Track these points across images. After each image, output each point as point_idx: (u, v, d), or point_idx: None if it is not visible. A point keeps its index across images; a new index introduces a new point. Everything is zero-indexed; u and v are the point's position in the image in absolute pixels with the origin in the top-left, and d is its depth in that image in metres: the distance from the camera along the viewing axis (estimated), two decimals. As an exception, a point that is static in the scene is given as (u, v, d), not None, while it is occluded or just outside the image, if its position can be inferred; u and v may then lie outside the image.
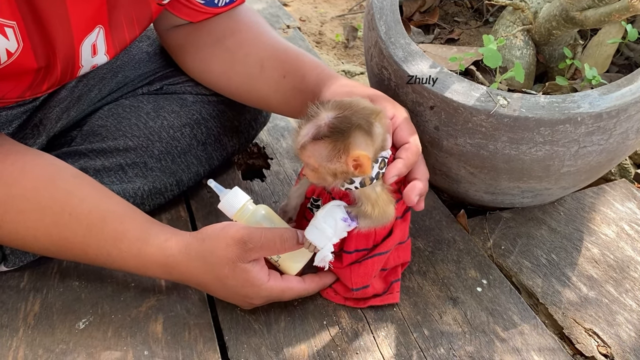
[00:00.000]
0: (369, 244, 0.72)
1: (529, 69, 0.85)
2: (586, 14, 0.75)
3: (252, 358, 0.70)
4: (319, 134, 0.62)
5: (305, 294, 0.73)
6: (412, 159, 0.68)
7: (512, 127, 0.72)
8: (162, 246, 0.69)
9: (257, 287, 0.69)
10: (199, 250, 0.68)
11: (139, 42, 0.97)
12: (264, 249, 0.67)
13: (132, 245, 0.69)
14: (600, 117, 0.70)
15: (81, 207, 0.70)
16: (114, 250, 0.70)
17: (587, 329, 0.74)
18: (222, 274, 0.67)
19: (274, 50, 0.84)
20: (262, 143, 1.10)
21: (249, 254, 0.66)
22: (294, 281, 0.72)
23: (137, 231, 0.70)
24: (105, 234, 0.69)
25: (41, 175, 0.70)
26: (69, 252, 0.72)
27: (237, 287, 0.69)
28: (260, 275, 0.68)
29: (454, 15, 1.00)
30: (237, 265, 0.66)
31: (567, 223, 0.90)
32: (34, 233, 0.69)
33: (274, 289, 0.70)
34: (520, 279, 0.82)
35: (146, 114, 0.90)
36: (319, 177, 0.65)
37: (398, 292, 0.76)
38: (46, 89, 0.73)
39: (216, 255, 0.67)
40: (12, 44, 0.62)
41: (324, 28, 1.75)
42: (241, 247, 0.66)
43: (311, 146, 0.62)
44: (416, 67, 0.76)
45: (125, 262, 0.71)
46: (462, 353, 0.71)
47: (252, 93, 0.86)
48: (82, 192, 0.71)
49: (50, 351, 0.71)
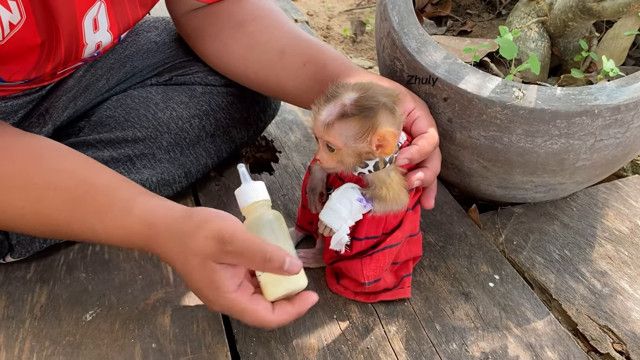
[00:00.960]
0: (379, 231, 0.70)
1: (544, 62, 0.84)
2: (604, 4, 0.74)
3: (261, 352, 0.69)
4: (346, 112, 0.60)
5: (269, 325, 0.62)
6: (427, 148, 0.67)
7: (527, 120, 0.70)
8: (146, 217, 0.64)
9: (219, 292, 0.61)
10: (180, 229, 0.62)
11: (147, 32, 0.96)
12: (242, 257, 0.60)
13: (116, 218, 0.65)
14: (618, 109, 0.69)
15: (66, 182, 0.67)
16: (98, 224, 0.66)
17: (602, 326, 0.73)
18: (190, 264, 0.61)
19: (295, 39, 0.84)
20: (270, 136, 1.09)
21: (224, 256, 0.60)
22: (262, 306, 0.62)
23: (122, 202, 0.66)
24: (91, 208, 0.66)
25: (28, 153, 0.68)
26: (55, 229, 0.69)
27: (199, 283, 0.62)
28: (227, 282, 0.61)
29: (467, 8, 0.98)
30: (208, 262, 0.60)
31: (580, 219, 0.89)
32: (21, 211, 0.67)
33: (235, 304, 0.61)
34: (533, 274, 0.80)
35: (155, 105, 0.89)
36: (337, 161, 0.63)
37: (409, 286, 0.75)
38: (51, 70, 0.72)
39: (192, 243, 0.61)
40: (15, 16, 0.61)
41: (331, 22, 1.74)
42: (219, 245, 0.59)
43: (338, 124, 0.61)
44: (430, 58, 0.75)
45: (109, 236, 0.66)
46: (474, 349, 0.69)
47: (270, 79, 0.85)
48: (70, 166, 0.68)
49: (57, 343, 0.70)
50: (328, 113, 0.61)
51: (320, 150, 0.64)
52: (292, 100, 0.87)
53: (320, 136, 0.63)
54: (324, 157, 0.64)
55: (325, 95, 0.62)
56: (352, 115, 0.60)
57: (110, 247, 0.84)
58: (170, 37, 0.97)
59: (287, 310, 0.63)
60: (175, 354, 0.69)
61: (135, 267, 0.81)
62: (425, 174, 0.68)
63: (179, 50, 0.95)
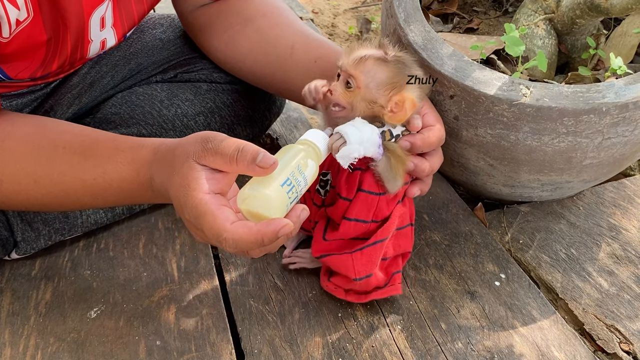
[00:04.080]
0: (369, 216, 0.68)
1: (551, 59, 0.83)
2: (612, 1, 0.73)
3: (266, 349, 0.69)
4: (385, 59, 0.60)
5: (222, 234, 0.54)
6: (431, 139, 0.67)
7: (534, 117, 0.70)
8: (155, 146, 0.64)
9: (189, 190, 0.56)
10: (177, 144, 0.61)
11: (152, 29, 0.96)
12: (218, 153, 0.56)
13: (127, 154, 0.65)
14: (626, 107, 0.68)
15: (74, 140, 0.68)
16: (109, 165, 0.65)
17: (609, 325, 0.72)
18: (174, 167, 0.59)
19: (305, 36, 0.84)
20: (275, 134, 1.09)
21: (205, 154, 0.56)
22: (223, 215, 0.55)
23: (131, 142, 0.66)
24: (99, 152, 0.66)
25: (31, 125, 0.68)
26: (70, 187, 0.68)
27: (178, 185, 0.58)
28: (201, 181, 0.56)
29: (473, 5, 0.98)
30: (189, 160, 0.57)
31: (586, 218, 0.88)
32: (34, 178, 0.67)
33: (199, 205, 0.55)
34: (539, 273, 0.80)
35: (160, 102, 0.89)
36: (348, 100, 0.62)
37: (400, 283, 0.73)
38: (57, 67, 0.72)
39: (181, 149, 0.59)
40: (22, 13, 0.61)
41: (336, 20, 1.73)
42: (202, 144, 0.57)
43: (372, 63, 0.60)
44: (436, 55, 0.74)
45: (121, 174, 0.65)
46: (480, 348, 0.69)
47: (278, 75, 0.85)
48: (74, 129, 0.69)
49: (62, 340, 0.70)
50: (368, 51, 0.61)
51: (338, 83, 0.62)
52: (296, 98, 0.87)
53: (346, 69, 0.62)
54: (338, 90, 0.62)
55: (372, 41, 0.62)
56: (389, 63, 0.60)
57: (115, 245, 0.84)
58: (175, 34, 0.97)
59: (247, 225, 0.54)
60: (179, 351, 0.69)
61: (139, 264, 0.81)
62: (421, 163, 0.67)
63: (184, 47, 0.95)
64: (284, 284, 0.77)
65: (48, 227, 0.80)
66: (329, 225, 0.72)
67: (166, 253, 0.82)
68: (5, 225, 0.78)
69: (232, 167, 0.56)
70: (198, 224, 0.55)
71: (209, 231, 0.54)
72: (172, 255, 0.82)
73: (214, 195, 0.56)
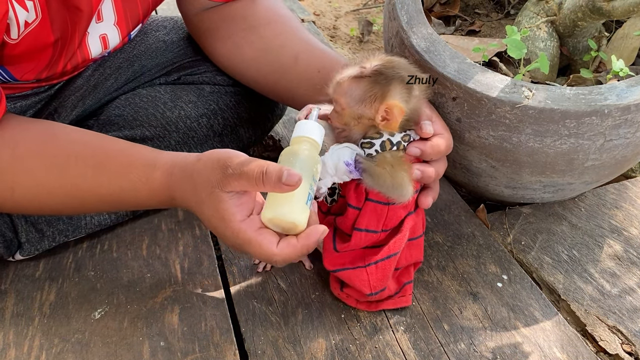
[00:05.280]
0: (379, 226, 0.69)
1: (553, 61, 0.84)
2: (614, 4, 0.73)
3: (269, 350, 0.69)
4: (361, 74, 0.62)
5: (273, 258, 0.60)
6: (440, 147, 0.67)
7: (536, 119, 0.70)
8: (167, 167, 0.66)
9: (225, 222, 0.60)
10: (192, 169, 0.63)
11: (155, 31, 0.97)
12: (242, 177, 0.58)
13: (141, 173, 0.66)
14: (628, 109, 0.69)
15: (85, 151, 0.68)
16: (124, 182, 0.67)
17: (611, 326, 0.73)
18: (200, 198, 0.61)
19: (309, 46, 0.85)
20: (277, 136, 1.09)
21: (229, 181, 0.59)
22: (267, 239, 0.60)
23: (143, 159, 0.67)
24: (114, 169, 0.68)
25: (42, 133, 0.69)
26: (84, 199, 0.69)
27: (211, 217, 0.61)
28: (234, 211, 0.59)
29: (475, 7, 0.98)
30: (214, 191, 0.60)
31: (588, 219, 0.89)
32: (47, 188, 0.68)
33: (239, 234, 0.60)
34: (541, 274, 0.80)
35: (163, 104, 0.89)
36: (342, 122, 0.64)
37: (410, 294, 0.74)
38: (62, 67, 0.72)
39: (201, 177, 0.61)
40: (30, 15, 0.62)
41: (338, 22, 1.74)
42: (222, 171, 0.59)
43: (347, 84, 0.62)
44: (438, 58, 0.75)
45: (137, 192, 0.67)
46: (482, 349, 0.69)
47: (280, 84, 0.85)
48: (84, 138, 0.70)
49: (66, 340, 0.71)
50: (344, 73, 0.63)
51: (332, 109, 0.65)
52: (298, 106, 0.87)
53: (331, 95, 0.64)
54: (333, 115, 0.65)
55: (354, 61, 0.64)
56: (364, 78, 0.61)
57: (118, 246, 0.84)
58: (178, 37, 0.97)
59: (292, 243, 0.60)
60: (183, 352, 0.69)
61: (143, 265, 0.81)
62: (427, 169, 0.68)
63: (187, 49, 0.96)
64: (287, 285, 0.77)
65: (52, 229, 0.80)
66: (337, 235, 0.72)
67: (169, 254, 0.83)
68: (10, 226, 0.78)
69: (258, 189, 0.59)
70: (244, 250, 0.61)
71: (259, 255, 0.60)
72: (176, 256, 0.82)
73: (249, 221, 0.60)
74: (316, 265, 0.78)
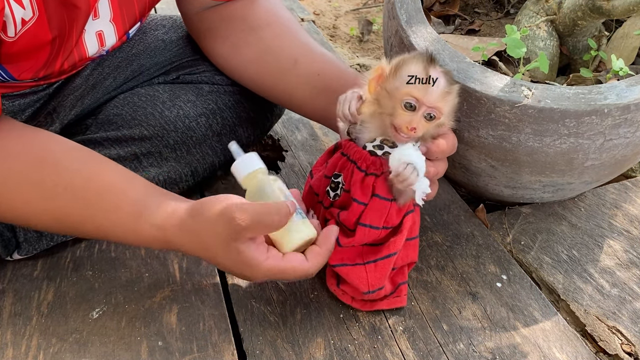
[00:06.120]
0: (381, 223, 0.69)
1: (553, 61, 0.84)
2: (614, 3, 0.73)
3: (268, 350, 0.69)
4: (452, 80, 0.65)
5: (310, 272, 0.65)
6: (445, 146, 0.67)
7: (536, 119, 0.70)
8: (155, 223, 0.66)
9: (253, 268, 0.63)
10: (192, 227, 0.64)
11: (154, 30, 0.96)
12: (260, 225, 0.61)
13: (127, 220, 0.66)
14: (628, 108, 0.69)
15: (75, 181, 0.67)
16: (110, 225, 0.67)
17: (611, 327, 0.72)
18: (215, 253, 0.63)
19: (309, 49, 0.85)
20: (276, 135, 1.09)
21: (243, 232, 0.61)
22: (297, 261, 0.64)
23: (131, 206, 0.67)
24: (102, 208, 0.67)
25: (34, 152, 0.67)
26: (70, 226, 0.69)
27: (232, 267, 0.64)
28: (256, 255, 0.62)
29: (475, 6, 0.98)
30: (230, 244, 0.61)
31: (587, 219, 0.88)
32: (33, 208, 0.67)
33: (272, 270, 0.63)
34: (540, 274, 0.80)
35: (162, 103, 0.89)
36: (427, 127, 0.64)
37: (405, 295, 0.74)
38: (60, 66, 0.72)
39: (208, 235, 0.62)
40: (27, 13, 0.61)
41: (338, 22, 1.74)
42: (231, 225, 0.60)
43: (453, 92, 0.64)
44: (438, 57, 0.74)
45: (125, 236, 0.68)
46: (482, 349, 0.69)
47: (279, 86, 0.85)
48: (77, 164, 0.68)
49: (64, 340, 0.70)
50: (444, 81, 0.63)
51: (418, 117, 0.63)
52: (296, 108, 0.88)
53: (432, 104, 0.63)
54: (421, 125, 0.63)
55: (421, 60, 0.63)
56: (456, 85, 0.65)
57: (117, 245, 0.84)
58: (177, 35, 0.97)
59: (317, 252, 0.65)
60: (181, 352, 0.69)
61: (141, 265, 0.81)
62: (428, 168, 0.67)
63: (186, 48, 0.95)
64: (286, 284, 0.77)
65: (50, 228, 0.80)
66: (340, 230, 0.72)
67: (168, 254, 0.82)
68: (8, 225, 0.78)
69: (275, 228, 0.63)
70: (279, 279, 0.66)
71: (296, 277, 0.65)
72: (174, 256, 0.82)
73: (272, 257, 0.63)
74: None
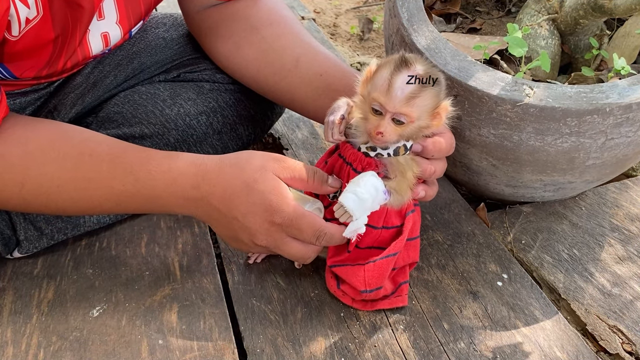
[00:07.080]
0: (380, 222, 0.69)
1: (554, 59, 0.83)
2: (616, 2, 0.73)
3: (268, 349, 0.69)
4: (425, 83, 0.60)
5: (325, 228, 0.67)
6: (442, 145, 0.67)
7: (537, 118, 0.70)
8: (192, 159, 0.69)
9: (283, 198, 0.65)
10: (233, 158, 0.68)
11: (155, 28, 0.96)
12: (296, 172, 0.67)
13: (160, 163, 0.68)
14: (630, 108, 0.68)
15: (100, 148, 0.69)
16: (141, 173, 0.68)
17: (612, 326, 0.72)
18: (252, 177, 0.66)
19: (311, 49, 0.84)
20: (277, 133, 1.09)
21: (283, 170, 0.66)
22: (318, 216, 0.68)
23: (162, 153, 0.69)
24: (131, 160, 0.68)
25: (53, 131, 0.69)
26: (94, 193, 0.69)
27: (264, 192, 0.65)
28: (287, 190, 0.66)
29: (476, 5, 0.98)
30: (269, 172, 0.66)
31: (588, 218, 0.88)
32: (58, 182, 0.67)
33: (296, 208, 0.66)
34: (541, 274, 0.80)
35: (162, 101, 0.88)
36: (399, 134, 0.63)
37: (406, 294, 0.74)
38: (62, 65, 0.72)
39: (251, 162, 0.66)
40: (32, 12, 0.61)
41: (338, 20, 1.73)
42: (277, 161, 0.66)
43: (421, 96, 0.60)
44: (439, 55, 0.74)
45: (154, 182, 0.68)
46: (482, 348, 0.69)
47: (280, 85, 0.85)
48: (98, 137, 0.71)
49: (64, 338, 0.70)
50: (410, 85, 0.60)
51: (386, 123, 0.61)
52: (297, 108, 0.87)
53: (396, 110, 0.61)
54: (389, 130, 0.61)
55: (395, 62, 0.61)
56: (428, 87, 0.60)
57: (117, 243, 0.84)
58: (178, 34, 0.97)
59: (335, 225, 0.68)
60: (181, 350, 0.69)
61: (142, 263, 0.81)
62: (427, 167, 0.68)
63: (187, 46, 0.95)
64: (287, 283, 0.77)
65: (51, 227, 0.80)
66: None
67: (168, 252, 0.82)
68: (8, 224, 0.78)
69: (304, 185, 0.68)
70: (295, 224, 0.66)
71: (311, 227, 0.66)
72: (174, 254, 0.82)
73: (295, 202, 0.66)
74: (315, 263, 0.78)
